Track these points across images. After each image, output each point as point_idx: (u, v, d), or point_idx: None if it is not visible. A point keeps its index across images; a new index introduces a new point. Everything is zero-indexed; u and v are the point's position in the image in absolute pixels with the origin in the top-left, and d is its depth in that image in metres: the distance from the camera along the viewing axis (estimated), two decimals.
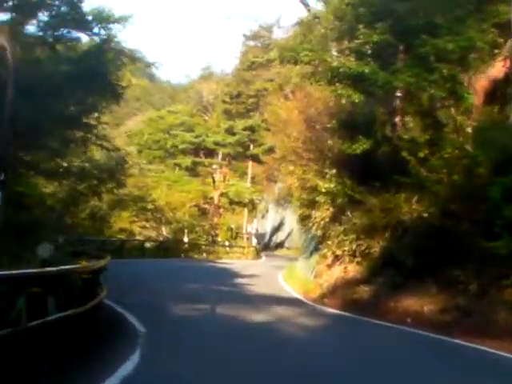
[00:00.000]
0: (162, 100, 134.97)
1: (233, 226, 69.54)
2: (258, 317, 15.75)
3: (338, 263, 24.47)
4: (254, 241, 61.52)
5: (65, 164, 34.78)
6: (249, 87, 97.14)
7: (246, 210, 75.34)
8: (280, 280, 31.94)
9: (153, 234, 53.34)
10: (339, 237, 23.32)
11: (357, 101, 19.35)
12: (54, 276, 8.75)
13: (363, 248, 21.73)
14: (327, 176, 22.57)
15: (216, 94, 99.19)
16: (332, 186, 22.12)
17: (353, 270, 23.06)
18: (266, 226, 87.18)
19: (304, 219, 30.09)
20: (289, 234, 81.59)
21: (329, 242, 24.17)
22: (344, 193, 22.15)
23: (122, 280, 23.72)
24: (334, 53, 23.44)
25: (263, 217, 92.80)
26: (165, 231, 53.29)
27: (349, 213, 22.98)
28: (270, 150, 62.15)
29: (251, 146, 67.72)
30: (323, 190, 22.56)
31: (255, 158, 63.12)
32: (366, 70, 18.80)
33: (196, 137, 61.07)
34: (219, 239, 60.40)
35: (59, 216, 35.08)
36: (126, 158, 45.63)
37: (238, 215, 75.58)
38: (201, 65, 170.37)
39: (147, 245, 45.84)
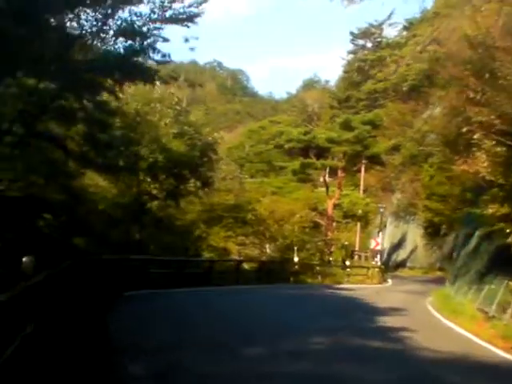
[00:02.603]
0: (263, 112, 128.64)
1: (346, 243, 58.50)
2: None
3: None
4: (377, 260, 50.00)
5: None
6: (359, 90, 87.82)
7: (358, 225, 64.48)
8: (441, 318, 21.42)
9: (254, 252, 42.95)
10: None
11: None
12: None
13: None
14: None
15: (321, 103, 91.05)
16: None
17: None
18: (384, 243, 77.81)
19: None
20: (412, 252, 70.85)
21: None
22: None
23: (194, 335, 13.77)
24: None
25: (379, 232, 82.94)
26: (268, 249, 42.71)
27: None
28: (394, 149, 51.11)
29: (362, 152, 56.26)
30: None
31: (375, 161, 51.75)
32: None
33: (305, 133, 49.95)
34: (331, 259, 49.04)
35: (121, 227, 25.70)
36: (216, 148, 35.25)
37: (350, 231, 65.05)
38: (304, 77, 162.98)
39: (245, 266, 35.52)
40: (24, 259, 8.77)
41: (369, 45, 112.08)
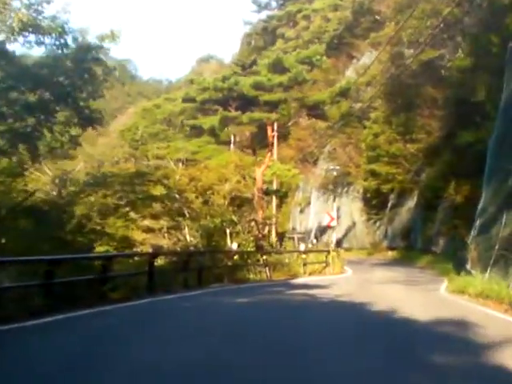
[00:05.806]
0: (157, 91, 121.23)
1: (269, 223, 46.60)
2: None
3: None
4: (333, 241, 38.70)
5: None
6: (262, 53, 78.35)
7: (274, 202, 54.05)
8: None
9: (165, 241, 30.63)
10: None
11: None
12: None
13: None
14: None
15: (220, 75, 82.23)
16: None
17: None
18: (308, 222, 67.73)
19: None
20: (348, 230, 60.71)
21: None
22: None
23: None
24: None
25: (302, 211, 73.49)
26: (189, 235, 29.72)
27: None
28: (342, 95, 39.76)
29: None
30: None
31: (317, 113, 39.98)
32: None
33: (223, 79, 37.03)
34: (264, 244, 37.09)
35: None
36: (103, 58, 21.34)
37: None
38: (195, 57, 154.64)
39: (159, 262, 23.14)
40: None
41: (274, 4, 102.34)
